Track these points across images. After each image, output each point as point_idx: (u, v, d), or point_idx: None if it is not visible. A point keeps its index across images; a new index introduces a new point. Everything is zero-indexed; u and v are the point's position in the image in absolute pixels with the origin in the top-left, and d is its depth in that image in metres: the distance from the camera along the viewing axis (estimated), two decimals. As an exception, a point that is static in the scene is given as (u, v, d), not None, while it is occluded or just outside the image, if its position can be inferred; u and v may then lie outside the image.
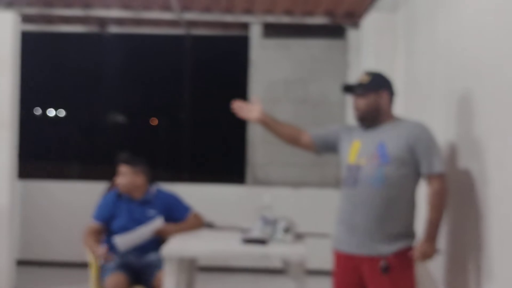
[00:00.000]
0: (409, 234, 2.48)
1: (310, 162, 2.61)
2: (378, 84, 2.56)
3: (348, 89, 2.63)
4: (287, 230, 2.94)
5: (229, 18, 5.19)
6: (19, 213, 4.81)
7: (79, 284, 4.56)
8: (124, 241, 3.17)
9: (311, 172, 2.93)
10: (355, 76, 4.98)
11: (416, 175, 2.45)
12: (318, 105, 5.39)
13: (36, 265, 5.19)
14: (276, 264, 3.49)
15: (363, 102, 2.53)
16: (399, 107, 4.02)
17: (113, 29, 5.55)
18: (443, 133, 2.91)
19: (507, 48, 2.16)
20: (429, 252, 2.40)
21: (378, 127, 2.54)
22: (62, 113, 7.61)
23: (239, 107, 2.76)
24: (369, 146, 2.49)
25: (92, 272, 3.18)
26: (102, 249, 3.07)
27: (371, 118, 2.55)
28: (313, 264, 2.73)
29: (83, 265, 5.16)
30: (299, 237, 3.03)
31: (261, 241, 2.88)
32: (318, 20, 5.12)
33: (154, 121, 8.42)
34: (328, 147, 2.72)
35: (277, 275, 4.79)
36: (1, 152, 4.18)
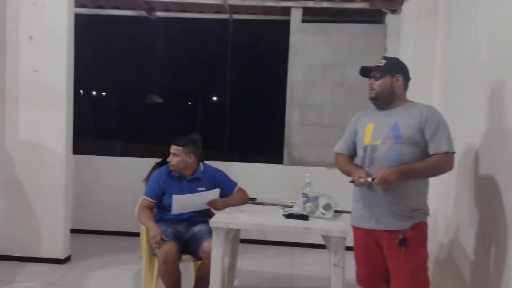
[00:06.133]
0: (423, 209, 2.61)
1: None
2: (394, 68, 2.69)
3: (366, 72, 2.74)
4: (327, 207, 3.06)
5: (270, 2, 5.30)
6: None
7: (128, 252, 4.87)
8: (180, 200, 3.34)
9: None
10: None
11: (428, 154, 2.55)
12: (354, 87, 5.43)
13: (85, 234, 5.49)
14: (314, 239, 3.64)
15: (378, 83, 2.67)
16: (436, 93, 4.09)
17: (160, 14, 5.72)
18: (482, 120, 2.93)
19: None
20: (390, 180, 2.45)
21: (391, 109, 2.66)
22: (105, 93, 7.90)
23: None
24: (384, 128, 2.61)
25: (144, 241, 3.36)
26: (158, 232, 3.19)
27: (385, 100, 2.67)
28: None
29: (129, 234, 5.45)
30: (338, 214, 3.14)
31: (302, 217, 3.01)
32: (358, 5, 5.15)
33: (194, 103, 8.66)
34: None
35: (311, 250, 5.01)
36: (59, 129, 4.38)
